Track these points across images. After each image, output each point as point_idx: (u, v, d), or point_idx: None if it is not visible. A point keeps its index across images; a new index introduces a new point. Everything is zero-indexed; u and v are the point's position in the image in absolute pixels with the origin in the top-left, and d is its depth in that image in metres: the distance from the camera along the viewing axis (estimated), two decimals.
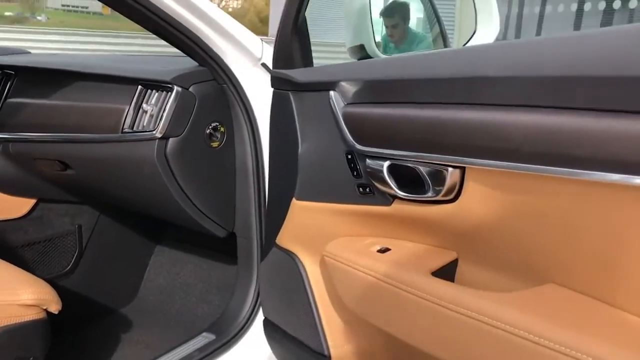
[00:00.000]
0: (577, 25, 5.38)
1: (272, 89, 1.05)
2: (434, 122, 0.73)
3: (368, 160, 0.84)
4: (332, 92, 0.88)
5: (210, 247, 1.63)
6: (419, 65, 0.80)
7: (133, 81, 1.17)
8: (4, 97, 1.37)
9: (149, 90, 1.15)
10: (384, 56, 1.05)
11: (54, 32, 7.44)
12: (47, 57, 1.60)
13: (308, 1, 0.90)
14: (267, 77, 1.20)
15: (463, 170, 0.72)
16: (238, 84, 1.17)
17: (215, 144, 1.19)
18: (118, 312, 1.62)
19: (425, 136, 0.75)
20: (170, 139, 1.12)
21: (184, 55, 1.15)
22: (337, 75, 0.89)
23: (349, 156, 0.86)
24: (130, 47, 6.89)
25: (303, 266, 1.01)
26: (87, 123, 1.20)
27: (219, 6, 1.18)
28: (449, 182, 0.73)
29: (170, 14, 1.03)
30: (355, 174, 0.86)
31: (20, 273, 1.03)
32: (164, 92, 1.13)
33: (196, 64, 1.19)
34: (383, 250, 0.86)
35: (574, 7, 5.49)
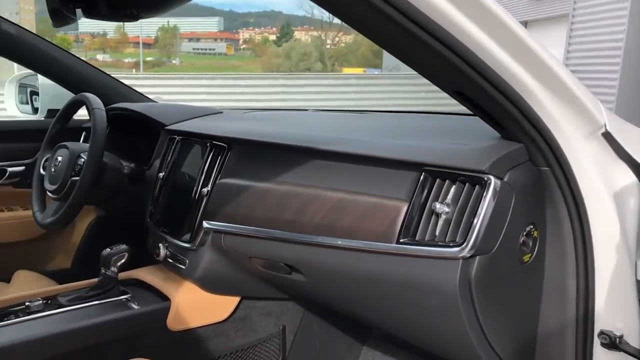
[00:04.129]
0: None
1: None
2: None
3: None
4: None
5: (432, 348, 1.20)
6: None
7: (412, 165, 0.81)
8: (213, 176, 1.11)
9: (439, 181, 0.79)
10: None
11: (201, 77, 7.87)
12: (266, 124, 1.30)
13: None
14: (608, 155, 0.79)
15: None
16: (567, 167, 0.77)
17: (526, 257, 0.80)
18: None
19: None
20: (478, 258, 0.74)
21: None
22: None
23: None
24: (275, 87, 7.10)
25: None
26: (337, 223, 0.87)
27: (332, 42, 0.76)
28: None
29: (491, 67, 0.66)
30: None
31: None
32: (468, 186, 0.75)
33: (491, 131, 0.81)
34: None
35: None
